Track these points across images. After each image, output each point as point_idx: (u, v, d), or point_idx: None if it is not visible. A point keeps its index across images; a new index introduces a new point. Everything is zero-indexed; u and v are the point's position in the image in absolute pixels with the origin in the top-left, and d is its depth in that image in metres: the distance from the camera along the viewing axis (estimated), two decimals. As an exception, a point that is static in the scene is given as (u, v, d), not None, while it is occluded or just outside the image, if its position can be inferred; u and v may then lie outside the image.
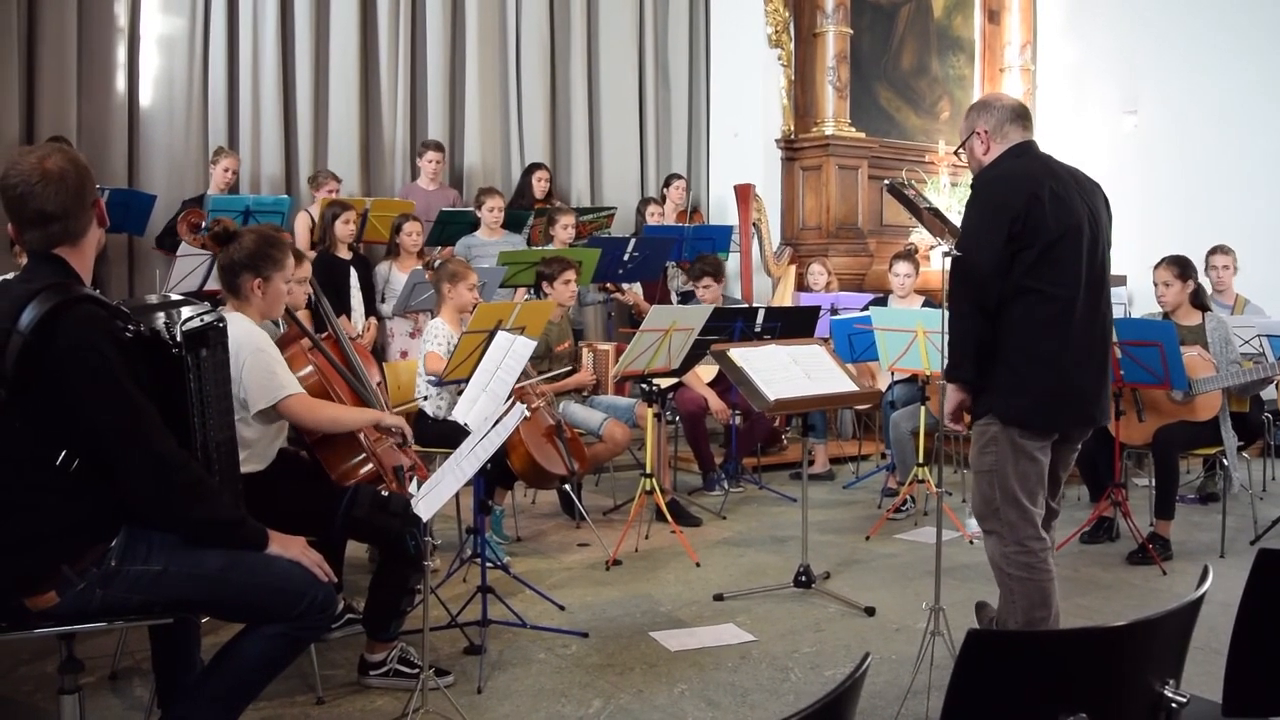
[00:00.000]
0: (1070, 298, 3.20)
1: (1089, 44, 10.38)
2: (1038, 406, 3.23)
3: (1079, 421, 3.37)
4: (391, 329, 6.88)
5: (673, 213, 8.49)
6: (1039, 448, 3.28)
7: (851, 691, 1.39)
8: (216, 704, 2.65)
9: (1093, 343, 3.29)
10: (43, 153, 2.45)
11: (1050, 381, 3.21)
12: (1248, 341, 5.75)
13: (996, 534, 3.35)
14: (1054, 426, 3.30)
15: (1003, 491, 3.29)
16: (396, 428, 3.67)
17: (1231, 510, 5.47)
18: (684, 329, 5.19)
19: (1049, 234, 3.15)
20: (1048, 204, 3.17)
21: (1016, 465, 3.25)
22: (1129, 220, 9.70)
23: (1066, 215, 3.20)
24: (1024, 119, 3.38)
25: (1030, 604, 3.28)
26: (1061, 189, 3.23)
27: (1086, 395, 3.30)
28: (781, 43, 9.27)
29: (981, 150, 3.39)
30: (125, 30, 7.22)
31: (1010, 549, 3.31)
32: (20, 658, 3.69)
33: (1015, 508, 3.29)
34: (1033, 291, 3.16)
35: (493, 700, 3.48)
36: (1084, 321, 3.24)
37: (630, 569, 4.97)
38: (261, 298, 3.41)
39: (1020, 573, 3.29)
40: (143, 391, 2.42)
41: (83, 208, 2.47)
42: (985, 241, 3.16)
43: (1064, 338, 3.20)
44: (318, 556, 2.72)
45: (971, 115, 3.45)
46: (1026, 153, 3.33)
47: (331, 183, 7.30)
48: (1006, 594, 3.34)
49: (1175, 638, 1.78)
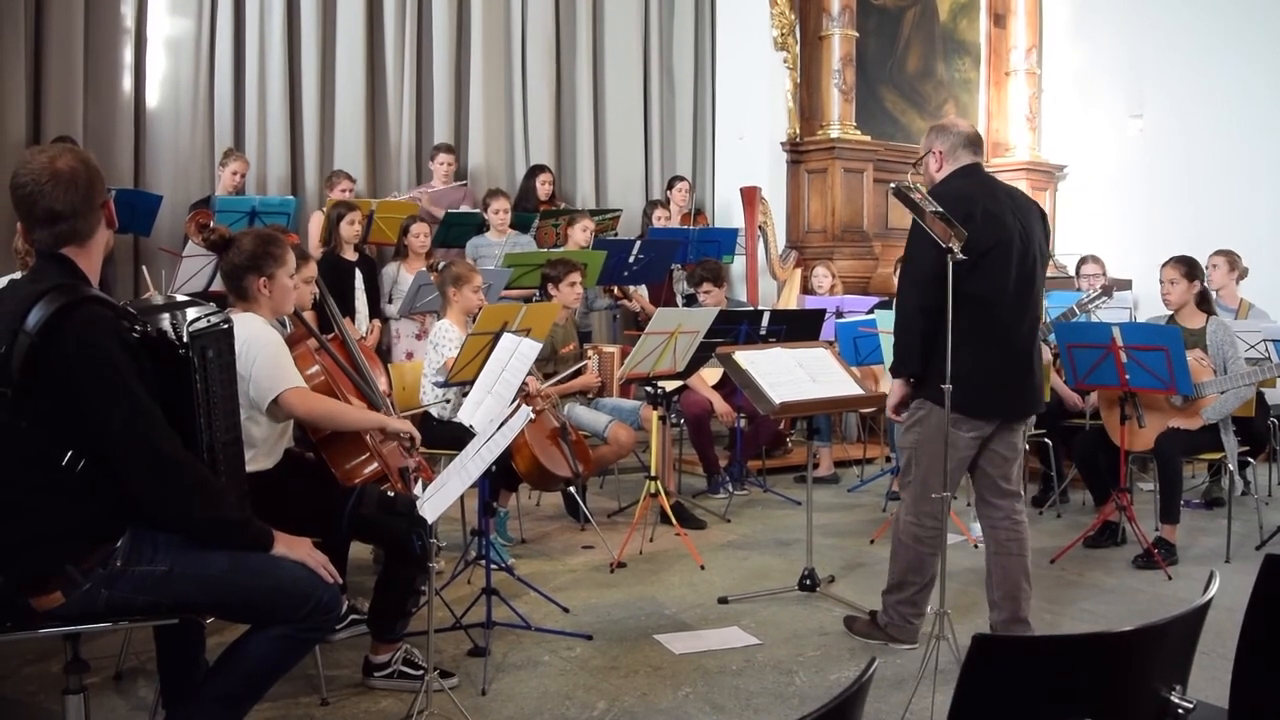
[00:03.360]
0: (998, 302, 3.64)
1: (1095, 48, 10.37)
2: (967, 395, 3.58)
3: (1005, 411, 3.77)
4: (397, 330, 6.88)
5: (678, 215, 8.50)
6: (966, 429, 3.69)
7: (858, 696, 1.38)
8: (221, 705, 2.65)
9: (1019, 342, 3.73)
10: (53, 153, 2.46)
11: (979, 375, 3.61)
12: (1253, 346, 5.73)
13: (903, 501, 3.90)
14: (982, 414, 3.71)
15: (919, 467, 3.80)
16: (405, 434, 3.66)
17: (1237, 515, 5.46)
18: (689, 332, 5.19)
19: (980, 246, 3.54)
20: (980, 220, 3.58)
21: (938, 445, 3.64)
22: (1134, 224, 9.76)
23: (997, 230, 3.63)
24: (975, 145, 3.85)
25: (906, 568, 3.89)
26: (995, 207, 3.67)
27: (1012, 388, 3.74)
28: (787, 45, 9.27)
29: (935, 168, 3.88)
30: (132, 31, 7.25)
31: (907, 517, 3.87)
32: (25, 658, 3.69)
33: (924, 484, 3.77)
34: (964, 295, 3.52)
35: (497, 702, 3.48)
36: (1011, 323, 3.69)
37: (635, 572, 4.97)
38: (270, 296, 3.42)
39: (909, 541, 3.86)
40: (148, 392, 2.42)
41: (91, 208, 2.48)
42: (928, 252, 3.55)
43: (991, 337, 3.65)
44: (323, 558, 2.72)
45: (931, 136, 3.92)
46: (971, 174, 3.79)
47: (345, 183, 7.32)
48: (893, 552, 3.96)
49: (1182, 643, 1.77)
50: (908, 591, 3.92)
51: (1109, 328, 5.08)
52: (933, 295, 3.53)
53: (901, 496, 3.94)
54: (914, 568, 3.87)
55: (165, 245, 7.00)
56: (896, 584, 3.95)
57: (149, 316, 2.51)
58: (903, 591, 3.94)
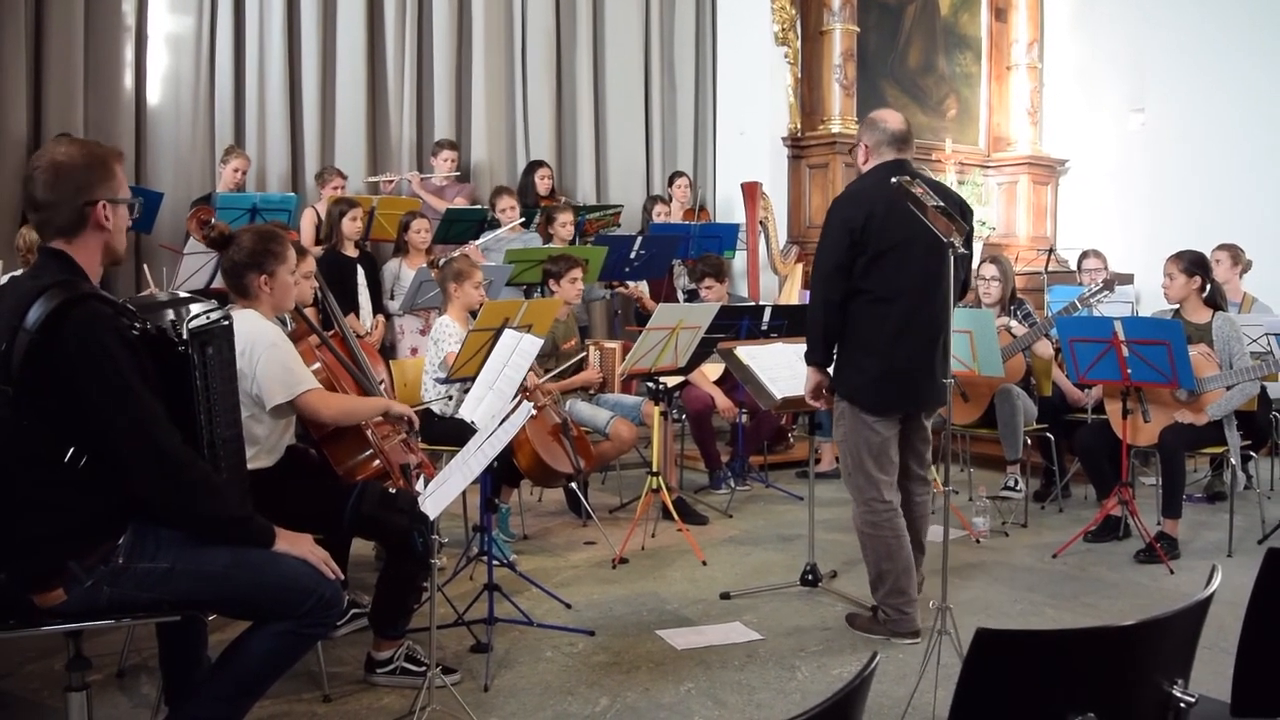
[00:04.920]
0: (896, 299, 3.79)
1: (1096, 42, 10.36)
2: (869, 387, 3.85)
3: (907, 403, 3.95)
4: (402, 326, 6.88)
5: (679, 211, 8.49)
6: (878, 422, 3.89)
7: (860, 690, 1.38)
8: (223, 701, 2.65)
9: (920, 337, 3.82)
10: (64, 143, 2.47)
11: (878, 368, 3.82)
12: (1255, 340, 5.73)
13: (852, 498, 4.03)
14: (884, 406, 3.89)
15: (853, 459, 3.95)
16: (406, 416, 3.70)
17: (1239, 510, 5.45)
18: (691, 327, 5.19)
19: (880, 245, 3.75)
20: (882, 219, 3.75)
21: (860, 436, 3.89)
22: (1136, 218, 9.75)
23: (900, 230, 3.71)
24: (901, 141, 3.95)
25: (878, 557, 3.96)
26: (888, 210, 3.75)
27: (913, 381, 3.88)
28: (788, 40, 9.26)
29: (862, 160, 4.03)
30: (132, 29, 7.23)
31: (860, 509, 3.99)
32: (28, 655, 3.70)
33: (862, 473, 3.94)
34: (864, 292, 3.78)
35: (499, 698, 3.48)
36: (913, 320, 3.80)
37: (637, 567, 4.97)
38: (270, 293, 3.43)
39: (868, 530, 3.97)
40: (149, 389, 2.42)
41: (70, 202, 2.44)
42: (830, 247, 3.81)
43: (890, 332, 3.80)
44: (324, 554, 2.72)
45: (863, 128, 4.09)
46: (893, 170, 3.80)
47: (337, 179, 7.32)
48: (863, 550, 4.04)
49: (1184, 637, 1.77)
50: (888, 581, 3.98)
51: (1111, 322, 5.07)
52: (836, 289, 3.80)
53: (850, 493, 4.07)
54: (884, 555, 3.95)
55: (166, 242, 7.01)
56: (876, 577, 4.03)
57: (149, 314, 2.51)
58: (884, 583, 3.99)
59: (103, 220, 2.48)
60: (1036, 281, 8.47)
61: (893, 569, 3.95)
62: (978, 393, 5.86)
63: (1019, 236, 10.31)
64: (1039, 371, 6.07)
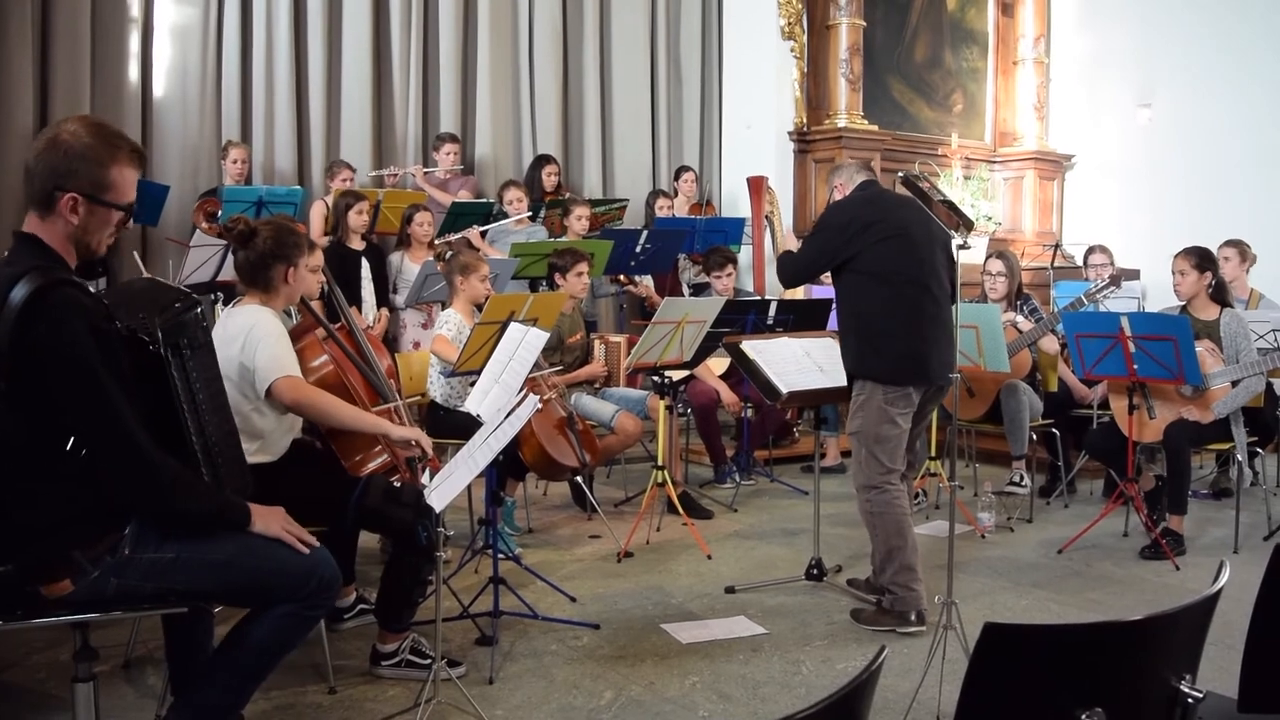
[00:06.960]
0: (905, 287, 4.07)
1: (1103, 37, 10.33)
2: (889, 365, 4.09)
3: (923, 378, 4.12)
4: (404, 320, 6.88)
5: (684, 205, 8.48)
6: (899, 414, 4.09)
7: (867, 685, 1.38)
8: (228, 686, 2.67)
9: (932, 321, 4.09)
10: (77, 124, 2.41)
11: (896, 350, 4.07)
12: (1262, 336, 5.71)
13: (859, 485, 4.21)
14: (904, 378, 4.09)
15: (867, 449, 4.14)
16: (414, 443, 3.53)
17: (1245, 506, 5.44)
18: (696, 321, 5.18)
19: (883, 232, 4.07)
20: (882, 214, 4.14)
21: (879, 429, 4.08)
22: (1142, 214, 9.72)
23: (887, 228, 4.09)
24: (866, 168, 4.48)
25: (888, 534, 4.12)
26: (883, 210, 4.16)
27: (927, 358, 4.07)
28: (794, 34, 9.24)
29: (840, 195, 4.42)
30: (138, 20, 7.23)
31: (869, 493, 4.15)
32: (35, 646, 3.71)
33: (875, 461, 4.14)
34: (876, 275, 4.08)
35: (504, 691, 3.49)
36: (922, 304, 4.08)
37: (641, 561, 4.98)
38: (291, 285, 3.45)
39: (878, 509, 4.13)
40: (119, 384, 2.36)
41: (44, 181, 2.37)
42: (819, 246, 4.26)
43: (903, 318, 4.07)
44: (298, 529, 2.70)
45: (832, 176, 4.53)
46: (866, 189, 4.32)
47: (345, 172, 7.32)
48: (871, 531, 4.20)
49: (1192, 632, 1.76)
50: (898, 558, 4.09)
51: (1117, 317, 5.06)
52: (802, 281, 4.57)
53: (856, 481, 4.24)
54: (894, 530, 4.10)
55: (172, 235, 7.01)
56: (886, 555, 4.12)
57: (121, 311, 2.45)
58: (894, 560, 4.09)
59: (67, 212, 2.39)
60: (1043, 277, 8.45)
61: (903, 545, 4.08)
62: (984, 388, 5.86)
63: (1025, 232, 10.29)
64: (1045, 367, 6.06)
